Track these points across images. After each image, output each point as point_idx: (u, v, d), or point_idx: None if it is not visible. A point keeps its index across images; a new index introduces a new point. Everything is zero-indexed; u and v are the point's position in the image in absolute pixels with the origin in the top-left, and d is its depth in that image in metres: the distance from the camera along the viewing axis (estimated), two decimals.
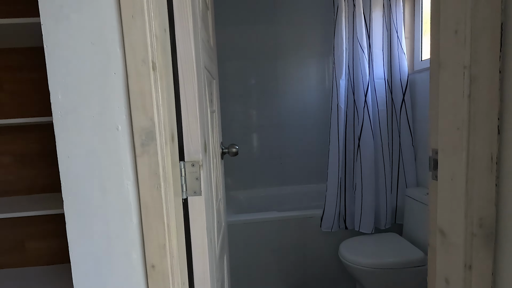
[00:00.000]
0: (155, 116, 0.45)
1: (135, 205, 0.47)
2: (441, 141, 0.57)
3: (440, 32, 0.54)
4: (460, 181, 0.53)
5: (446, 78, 0.54)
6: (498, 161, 0.52)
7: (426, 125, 1.74)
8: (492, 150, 0.51)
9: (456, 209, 0.55)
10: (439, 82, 0.56)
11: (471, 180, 0.52)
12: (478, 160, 0.51)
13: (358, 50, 1.75)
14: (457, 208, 0.54)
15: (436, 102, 0.58)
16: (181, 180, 0.60)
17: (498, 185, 0.52)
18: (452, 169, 0.54)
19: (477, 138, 0.51)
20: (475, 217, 0.53)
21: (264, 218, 1.83)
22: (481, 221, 0.52)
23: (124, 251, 0.47)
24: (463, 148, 0.52)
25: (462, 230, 0.54)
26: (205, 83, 0.75)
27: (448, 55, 0.53)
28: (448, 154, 0.55)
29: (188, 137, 0.60)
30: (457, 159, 0.53)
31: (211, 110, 0.87)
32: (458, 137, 0.52)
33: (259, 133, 2.46)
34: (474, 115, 0.51)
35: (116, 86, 0.45)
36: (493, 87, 0.49)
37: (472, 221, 0.53)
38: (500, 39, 0.49)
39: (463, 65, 0.50)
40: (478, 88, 0.50)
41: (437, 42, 0.56)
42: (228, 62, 2.35)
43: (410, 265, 1.45)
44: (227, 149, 1.10)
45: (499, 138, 0.51)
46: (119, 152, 0.46)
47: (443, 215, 0.58)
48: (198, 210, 0.61)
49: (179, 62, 0.57)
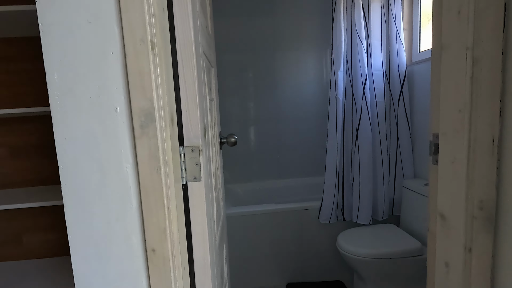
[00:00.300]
0: (154, 97, 0.44)
1: (135, 188, 0.46)
2: (443, 125, 0.56)
3: (442, 13, 0.53)
4: (461, 164, 0.53)
5: (448, 60, 0.54)
6: (499, 144, 0.51)
7: (423, 117, 1.75)
8: (493, 132, 0.51)
9: (456, 192, 0.55)
10: (441, 65, 0.55)
11: (472, 162, 0.52)
12: (479, 143, 0.51)
13: (357, 41, 1.74)
14: (457, 191, 0.54)
15: (438, 86, 0.57)
16: (181, 165, 0.60)
17: (499, 167, 0.52)
18: (453, 152, 0.54)
19: (479, 120, 0.51)
20: (476, 200, 0.53)
21: (262, 210, 1.83)
22: (481, 203, 0.52)
23: (124, 235, 0.47)
24: (465, 131, 0.52)
25: (462, 213, 0.54)
26: (204, 69, 0.73)
27: (451, 37, 0.53)
28: (449, 137, 0.55)
29: (188, 122, 0.59)
30: (458, 142, 0.53)
31: (210, 98, 0.86)
32: (460, 119, 0.52)
33: (256, 125, 2.46)
34: (476, 97, 0.50)
35: (114, 66, 0.44)
36: (495, 68, 0.49)
37: (472, 204, 0.53)
38: (504, 19, 0.48)
39: (466, 47, 0.50)
40: (481, 70, 0.49)
41: (440, 23, 0.55)
42: (225, 54, 2.33)
43: (407, 254, 1.46)
44: (225, 139, 1.09)
45: (500, 120, 0.51)
46: (118, 134, 0.45)
47: (444, 199, 0.58)
48: (198, 196, 0.61)
49: (178, 43, 0.56)
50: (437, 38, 0.57)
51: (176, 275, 0.49)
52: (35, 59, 1.24)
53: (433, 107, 0.60)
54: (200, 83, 0.63)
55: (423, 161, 1.77)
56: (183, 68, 0.58)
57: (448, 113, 0.55)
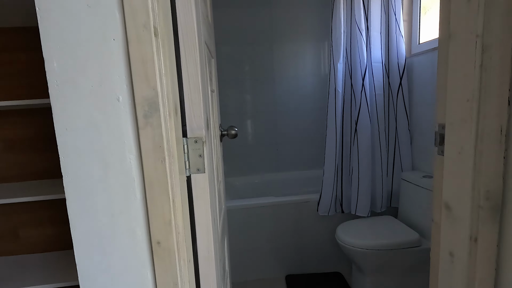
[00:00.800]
0: (158, 86, 0.43)
1: (139, 180, 0.45)
2: (450, 115, 0.56)
3: (451, 0, 0.52)
4: (468, 154, 0.53)
5: (456, 48, 0.53)
6: (507, 133, 0.51)
7: (422, 109, 1.75)
8: (501, 122, 0.50)
9: (462, 183, 0.54)
10: (449, 53, 0.54)
11: (480, 152, 0.52)
12: (487, 133, 0.51)
13: (356, 33, 1.72)
14: (464, 181, 0.54)
15: (445, 75, 0.56)
16: (184, 157, 0.58)
17: (506, 157, 0.52)
18: (460, 142, 0.54)
19: (487, 109, 0.50)
20: (482, 190, 0.52)
21: (261, 203, 1.83)
22: (487, 193, 0.52)
23: (128, 228, 0.46)
24: (472, 120, 0.51)
25: (468, 203, 0.54)
26: (205, 59, 0.72)
27: (460, 24, 0.52)
28: (456, 127, 0.54)
29: (191, 112, 0.58)
30: (466, 132, 0.52)
31: (211, 89, 0.85)
32: (468, 109, 0.52)
33: (254, 118, 2.44)
34: (485, 86, 0.50)
35: (116, 53, 0.42)
36: (505, 56, 0.48)
37: (479, 194, 0.52)
38: None
39: (476, 34, 0.49)
40: (490, 58, 0.48)
41: (448, 11, 0.54)
42: (223, 45, 2.30)
43: (405, 246, 1.48)
44: (226, 131, 1.08)
45: (508, 109, 0.50)
46: (121, 124, 0.44)
47: (449, 189, 0.58)
48: (202, 188, 0.60)
49: (180, 31, 0.54)
50: (445, 26, 0.56)
51: (181, 268, 0.48)
52: (30, 50, 1.20)
53: (439, 97, 0.59)
54: (203, 72, 0.61)
55: (422, 153, 1.78)
56: (186, 56, 0.56)
57: (455, 103, 0.54)
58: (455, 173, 0.55)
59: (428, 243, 1.51)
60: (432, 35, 1.72)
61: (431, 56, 1.64)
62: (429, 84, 1.67)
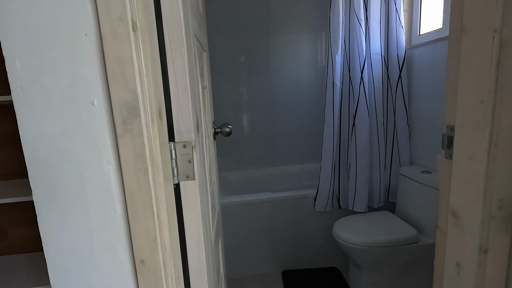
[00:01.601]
0: (138, 88, 0.38)
1: (119, 193, 0.40)
2: (460, 116, 0.51)
3: None
4: (481, 159, 0.48)
5: (470, 43, 0.48)
6: None
7: (422, 103, 1.71)
8: None
9: (473, 190, 0.50)
10: (461, 48, 0.49)
11: (493, 158, 0.47)
12: (502, 137, 0.47)
13: (355, 23, 1.66)
14: (474, 188, 0.50)
15: (456, 73, 0.52)
16: (172, 163, 0.54)
17: None
18: (472, 147, 0.50)
19: (503, 111, 0.46)
20: (495, 198, 0.49)
21: (257, 199, 1.80)
22: (501, 202, 0.49)
23: (108, 246, 0.41)
24: (487, 123, 0.47)
25: (479, 212, 0.50)
26: (196, 53, 0.66)
27: (475, 16, 0.47)
28: (468, 130, 0.50)
29: (179, 114, 0.53)
30: (478, 136, 0.48)
31: (202, 86, 0.79)
32: (482, 111, 0.47)
33: (250, 111, 2.39)
34: (502, 86, 0.45)
35: (88, 51, 0.37)
36: None
37: (491, 203, 0.49)
38: None
39: (493, 28, 0.44)
40: (509, 55, 0.44)
41: (461, 1, 0.49)
42: (217, 36, 2.22)
43: (403, 242, 1.46)
44: (220, 129, 1.03)
45: None
46: (97, 131, 0.39)
47: (457, 197, 0.54)
48: (192, 196, 0.55)
49: (165, 24, 0.49)
50: (457, 18, 0.51)
51: (169, 287, 0.44)
52: None
53: (448, 96, 0.55)
54: (191, 70, 0.56)
55: (420, 148, 1.75)
56: (172, 53, 0.51)
57: (467, 104, 0.50)
58: (465, 179, 0.52)
59: (426, 240, 1.50)
60: (433, 26, 1.66)
61: (431, 48, 1.59)
62: (429, 77, 1.62)
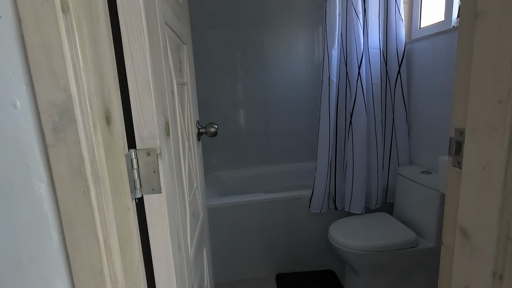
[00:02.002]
0: (72, 86, 0.30)
1: (54, 216, 0.33)
2: (472, 118, 0.44)
3: None
4: (497, 170, 0.41)
5: (486, 31, 0.40)
6: None
7: (421, 99, 1.63)
8: None
9: (487, 206, 0.43)
10: (475, 39, 0.42)
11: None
12: None
13: (352, 16, 1.57)
14: (488, 204, 0.43)
15: (467, 67, 0.44)
16: (134, 174, 0.46)
17: None
18: (486, 154, 0.42)
19: None
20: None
21: (250, 201, 1.73)
22: None
23: (44, 280, 0.34)
24: (506, 127, 0.39)
25: (493, 231, 0.42)
26: (168, 44, 0.58)
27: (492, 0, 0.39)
28: (481, 135, 0.42)
29: (140, 117, 0.44)
30: (495, 142, 0.41)
31: (180, 82, 0.71)
32: (500, 113, 0.39)
33: (244, 108, 2.30)
34: None
35: (5, 39, 0.29)
36: None
37: (508, 222, 0.41)
38: None
39: None
40: None
41: None
42: (209, 30, 2.13)
43: (402, 246, 1.39)
44: (204, 129, 0.95)
45: None
46: (22, 141, 0.31)
47: (467, 212, 0.46)
48: (158, 212, 0.47)
49: (120, 7, 0.40)
50: (470, 2, 0.43)
51: None
52: None
53: (458, 95, 0.47)
54: (157, 64, 0.47)
55: (420, 147, 1.68)
56: (130, 43, 0.42)
57: (482, 104, 0.42)
58: (477, 192, 0.44)
59: (426, 243, 1.43)
60: (434, 18, 1.58)
61: (432, 42, 1.51)
62: (429, 73, 1.54)
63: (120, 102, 0.41)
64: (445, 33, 1.42)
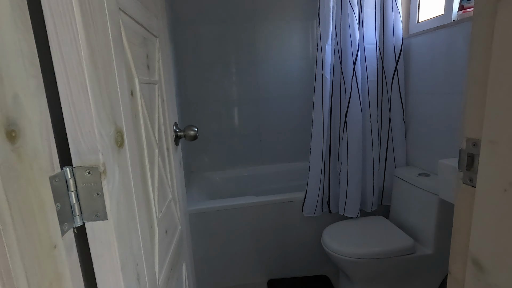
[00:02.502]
0: None
1: None
2: (491, 128, 0.35)
3: None
4: None
5: (509, 20, 0.31)
6: None
7: (419, 97, 1.55)
8: None
9: (507, 235, 0.35)
10: (496, 27, 0.33)
11: None
12: None
13: (347, 9, 1.48)
14: (510, 233, 0.34)
15: (485, 64, 0.35)
16: (71, 199, 0.36)
17: None
18: (509, 173, 0.34)
19: None
20: None
21: (240, 204, 1.64)
22: None
23: None
24: None
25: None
26: (124, 35, 0.48)
27: None
28: (503, 150, 0.34)
29: (75, 127, 0.35)
30: None
31: (147, 81, 0.62)
32: None
33: (235, 107, 2.21)
34: None
35: None
36: None
37: None
38: None
39: None
40: None
41: None
42: (199, 25, 2.02)
43: (398, 253, 1.32)
44: (182, 132, 0.86)
45: None
46: None
47: (483, 241, 0.38)
48: (105, 242, 0.38)
49: None
50: None
51: None
52: None
53: (471, 98, 0.38)
54: (103, 57, 0.38)
55: (417, 148, 1.60)
56: (57, 33, 0.33)
57: (503, 111, 0.33)
58: (497, 220, 0.36)
59: (423, 250, 1.36)
60: (433, 12, 1.49)
61: (431, 37, 1.42)
62: (428, 70, 1.46)
63: (44, 109, 0.32)
64: (445, 27, 1.33)
